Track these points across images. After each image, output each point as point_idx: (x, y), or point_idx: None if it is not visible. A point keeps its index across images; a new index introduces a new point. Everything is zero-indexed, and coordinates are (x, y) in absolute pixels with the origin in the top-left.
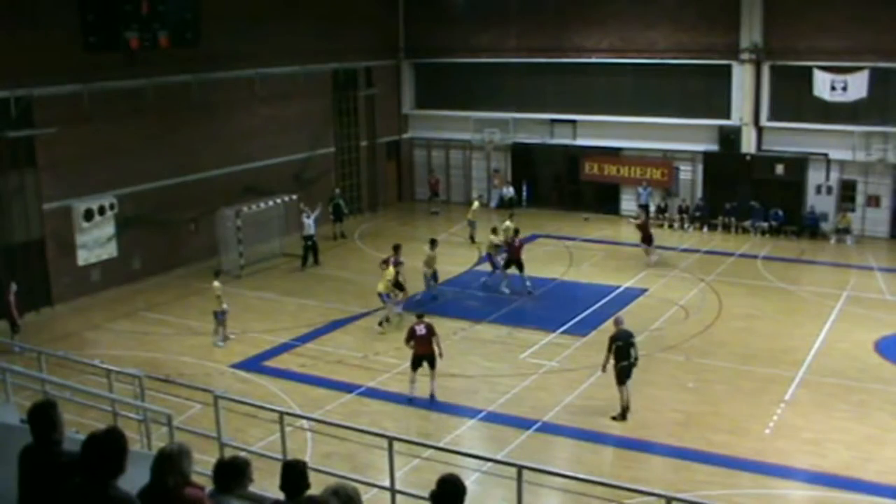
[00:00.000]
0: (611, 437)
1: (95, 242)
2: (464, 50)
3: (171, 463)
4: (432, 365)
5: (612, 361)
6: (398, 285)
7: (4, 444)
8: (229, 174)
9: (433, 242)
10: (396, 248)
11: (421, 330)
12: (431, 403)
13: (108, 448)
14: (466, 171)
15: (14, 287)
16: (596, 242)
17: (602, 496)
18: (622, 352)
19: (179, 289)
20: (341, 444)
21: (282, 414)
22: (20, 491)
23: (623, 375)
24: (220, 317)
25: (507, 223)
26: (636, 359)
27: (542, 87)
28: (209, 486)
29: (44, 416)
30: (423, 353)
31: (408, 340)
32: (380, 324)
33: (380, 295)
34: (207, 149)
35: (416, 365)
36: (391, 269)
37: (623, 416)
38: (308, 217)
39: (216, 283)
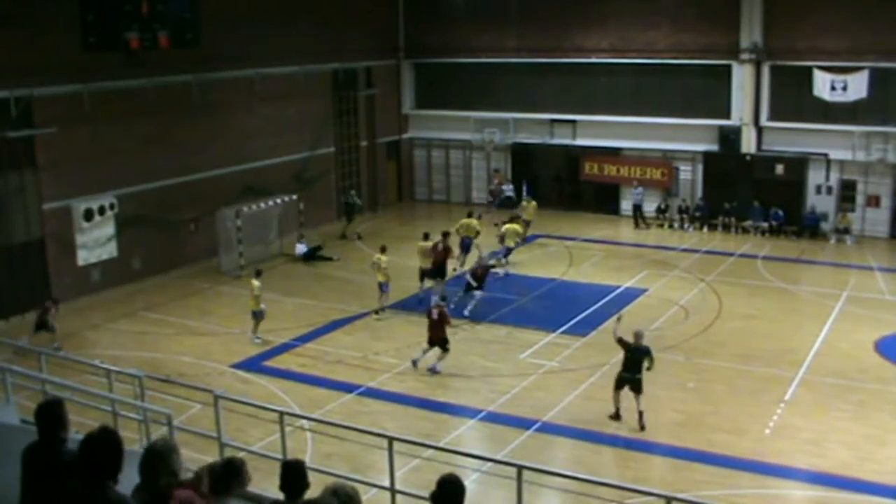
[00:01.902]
0: (611, 437)
1: (95, 242)
2: (464, 50)
3: (161, 461)
4: (443, 348)
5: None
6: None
7: (4, 444)
8: (229, 174)
9: (383, 249)
10: (446, 235)
11: (434, 315)
12: (431, 374)
13: (103, 449)
14: (466, 171)
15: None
16: (596, 242)
17: (602, 496)
18: (627, 363)
19: (179, 289)
20: (341, 445)
21: (282, 414)
22: (22, 489)
23: (620, 383)
24: (257, 315)
25: (472, 221)
26: (640, 375)
27: (542, 87)
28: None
29: (52, 414)
30: (433, 337)
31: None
32: (376, 312)
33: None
34: (207, 149)
35: (430, 344)
36: (382, 257)
37: (616, 415)
38: (301, 242)
39: (255, 283)
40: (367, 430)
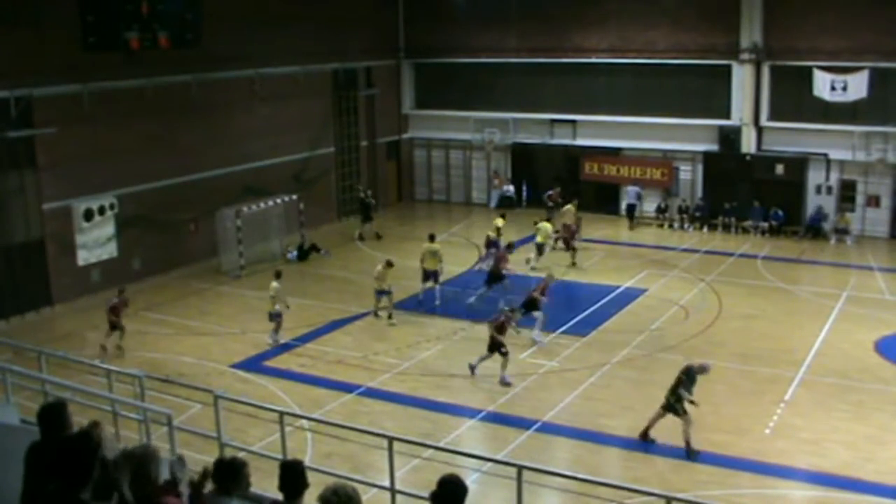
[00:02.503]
0: (611, 437)
1: (95, 242)
2: (464, 50)
3: (140, 470)
4: (499, 353)
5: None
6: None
7: (4, 444)
8: (229, 174)
9: (389, 263)
10: (510, 246)
11: (493, 318)
12: (472, 374)
13: (77, 455)
14: (466, 171)
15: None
16: (596, 242)
17: (602, 496)
18: (674, 385)
19: (179, 289)
20: (341, 445)
21: (282, 414)
22: (24, 488)
23: (666, 402)
24: (275, 318)
25: (498, 220)
26: (672, 396)
27: (542, 87)
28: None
29: (55, 416)
30: (491, 339)
31: None
32: (385, 315)
33: (379, 291)
34: (207, 149)
35: (489, 350)
36: (378, 267)
37: (644, 435)
38: (289, 252)
39: (274, 284)
40: (367, 430)
